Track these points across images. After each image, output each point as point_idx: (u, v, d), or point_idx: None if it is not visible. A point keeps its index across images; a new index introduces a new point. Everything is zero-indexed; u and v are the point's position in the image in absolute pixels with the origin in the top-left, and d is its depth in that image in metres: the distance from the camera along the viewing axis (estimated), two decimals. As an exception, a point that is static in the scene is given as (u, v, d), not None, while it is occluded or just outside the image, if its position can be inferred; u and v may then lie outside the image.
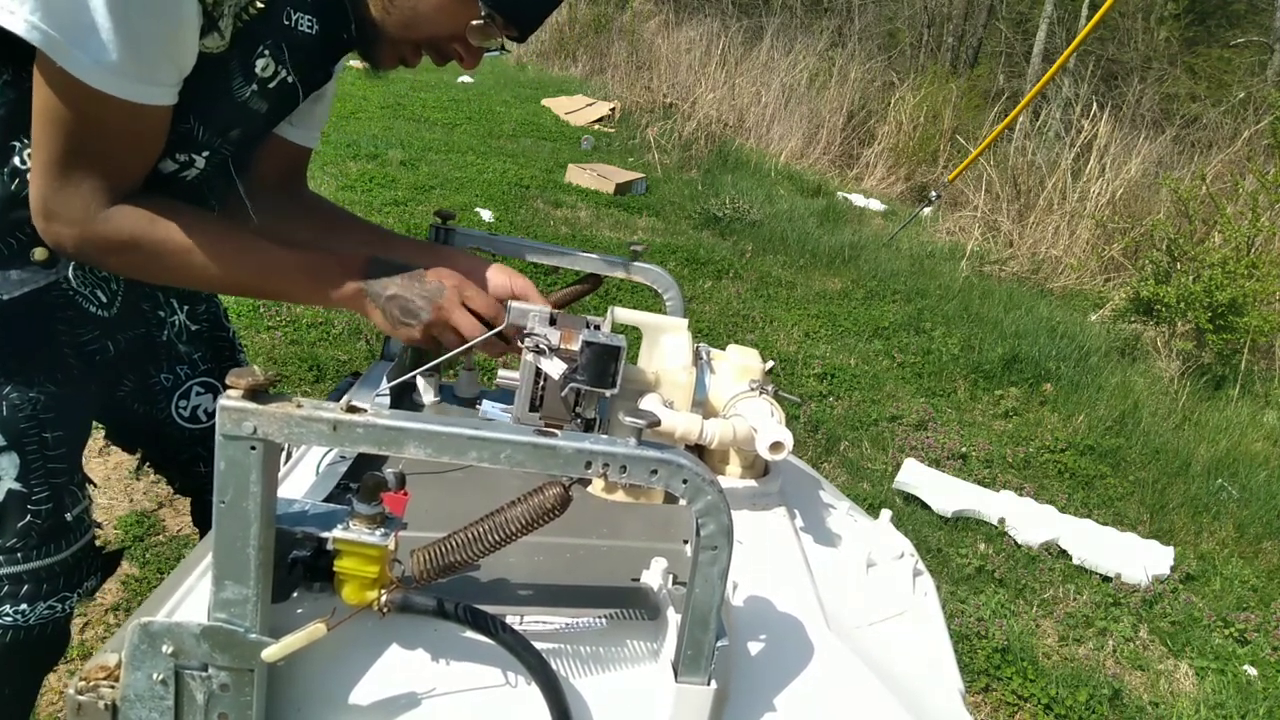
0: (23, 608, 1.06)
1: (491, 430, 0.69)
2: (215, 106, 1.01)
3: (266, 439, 0.66)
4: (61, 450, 1.08)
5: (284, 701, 0.75)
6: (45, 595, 1.08)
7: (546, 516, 0.76)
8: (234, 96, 1.01)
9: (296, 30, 1.01)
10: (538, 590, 0.86)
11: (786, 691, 0.85)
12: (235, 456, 0.67)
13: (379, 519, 0.73)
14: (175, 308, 1.27)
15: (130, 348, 1.20)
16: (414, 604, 0.74)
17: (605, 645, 0.82)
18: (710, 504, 0.71)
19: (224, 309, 1.39)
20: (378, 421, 0.67)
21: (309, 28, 1.01)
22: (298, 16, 1.00)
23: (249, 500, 0.67)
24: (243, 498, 0.67)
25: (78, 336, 1.11)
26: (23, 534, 1.05)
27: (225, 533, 0.68)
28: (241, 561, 0.69)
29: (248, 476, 0.67)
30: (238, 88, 1.01)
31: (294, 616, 0.76)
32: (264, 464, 0.67)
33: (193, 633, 0.71)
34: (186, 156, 1.04)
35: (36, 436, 1.05)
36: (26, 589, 1.06)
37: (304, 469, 1.05)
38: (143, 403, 1.27)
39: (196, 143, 1.03)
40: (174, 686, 0.71)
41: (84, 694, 0.72)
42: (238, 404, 0.66)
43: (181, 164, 1.04)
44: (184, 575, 0.86)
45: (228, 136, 1.06)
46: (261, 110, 1.06)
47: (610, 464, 0.70)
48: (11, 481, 1.03)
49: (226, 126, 1.05)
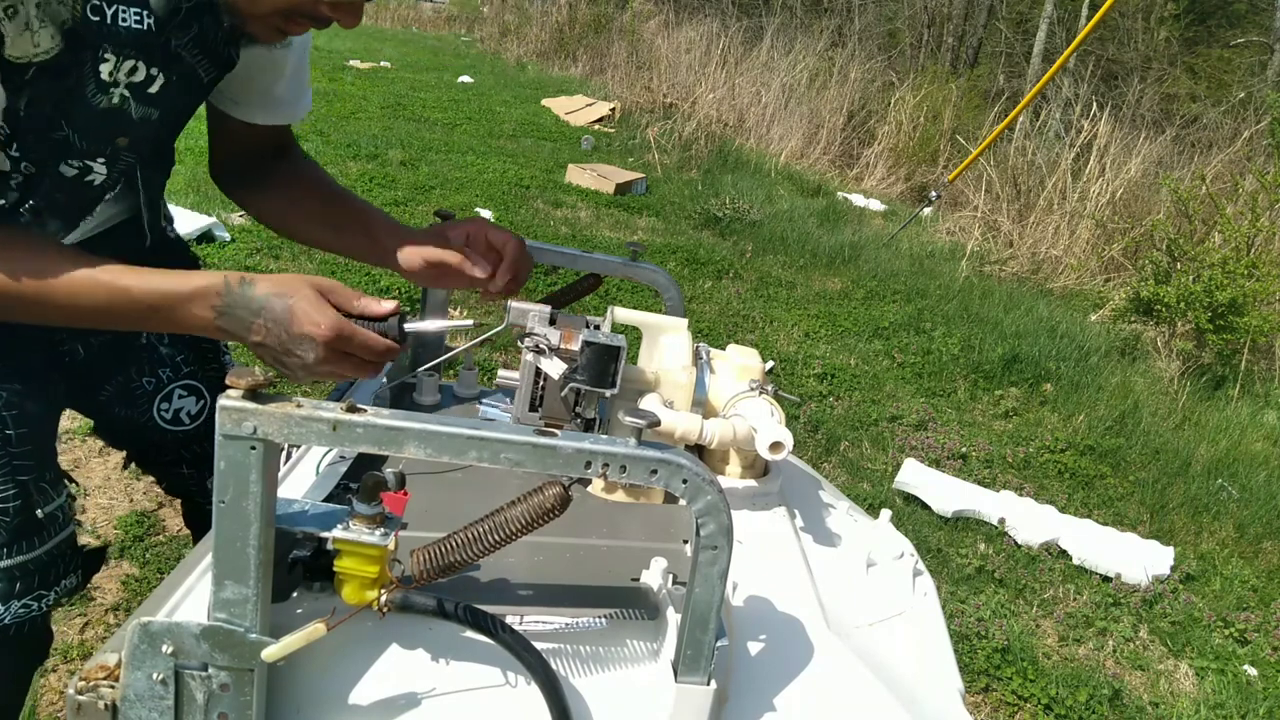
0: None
1: (491, 430, 0.68)
2: (80, 115, 0.97)
3: (266, 439, 0.66)
4: (27, 448, 1.07)
5: (284, 701, 0.75)
6: (19, 593, 1.07)
7: (546, 516, 0.76)
8: (94, 104, 0.96)
9: (122, 27, 0.93)
10: (537, 590, 0.86)
11: (786, 691, 0.85)
12: (235, 456, 0.67)
13: (379, 519, 0.73)
14: None
15: (105, 350, 1.19)
16: (414, 604, 0.74)
17: (605, 645, 0.82)
18: (710, 504, 0.71)
19: None
20: (377, 421, 0.67)
21: (138, 21, 0.94)
22: (120, 10, 0.92)
23: (249, 500, 0.67)
24: (243, 497, 0.67)
25: (46, 335, 1.10)
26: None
27: (225, 533, 0.68)
28: (241, 562, 0.69)
29: (248, 476, 0.67)
30: (92, 94, 0.95)
31: (294, 616, 0.76)
32: (264, 464, 0.67)
33: (193, 633, 0.71)
34: (80, 163, 1.01)
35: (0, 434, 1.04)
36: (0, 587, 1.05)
37: (304, 469, 1.05)
38: (124, 406, 1.27)
39: (81, 150, 1.00)
40: (174, 686, 0.71)
41: (84, 694, 0.72)
42: (238, 404, 0.66)
43: (80, 169, 1.01)
44: (184, 575, 0.86)
45: (116, 145, 1.02)
46: (151, 117, 1.01)
47: (610, 464, 0.70)
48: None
49: (106, 134, 1.00)
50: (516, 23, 14.72)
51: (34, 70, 0.90)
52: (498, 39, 14.72)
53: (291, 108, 1.23)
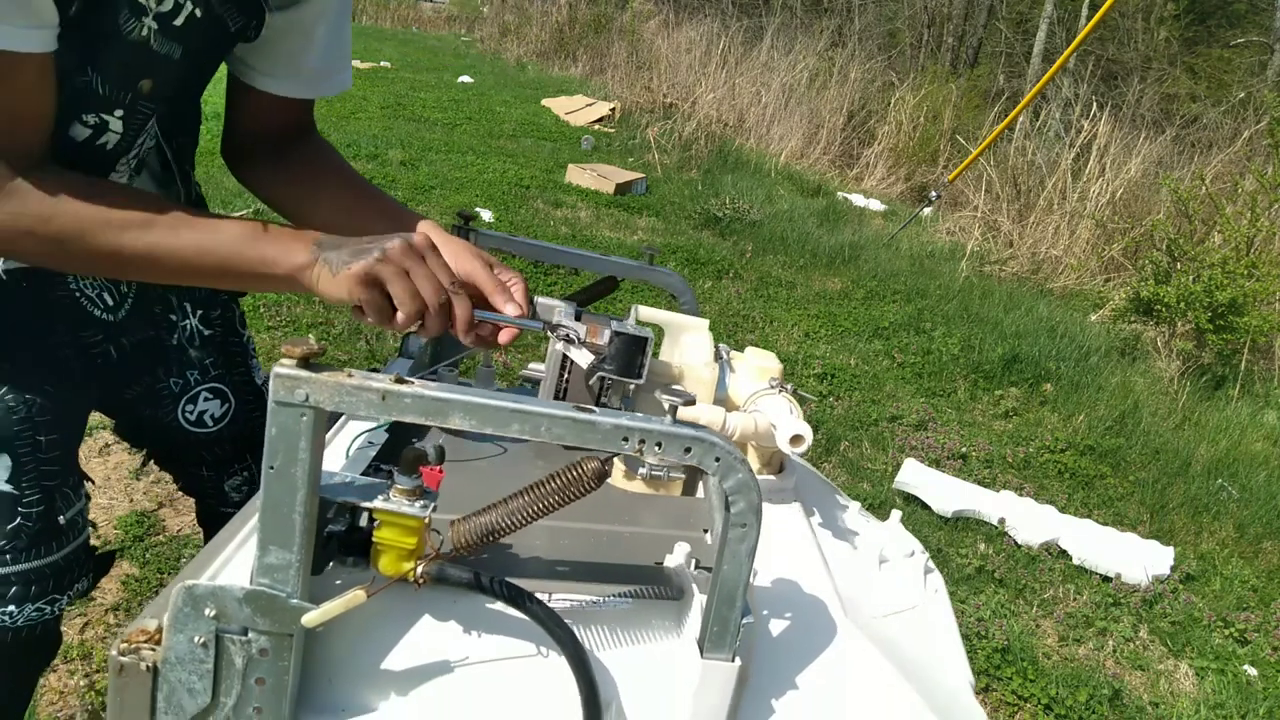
0: (10, 609, 1.05)
1: (533, 404, 0.70)
2: (108, 51, 0.90)
3: (317, 406, 0.68)
4: (56, 453, 1.07)
5: (317, 670, 0.77)
6: (34, 597, 1.06)
7: (584, 488, 0.77)
8: (125, 36, 0.89)
9: None
10: (563, 569, 0.88)
11: (805, 674, 0.87)
12: (287, 423, 0.68)
13: (418, 491, 0.75)
14: (188, 312, 1.25)
15: (137, 351, 1.18)
16: (449, 576, 0.75)
17: (631, 622, 0.84)
18: (741, 481, 0.72)
19: (240, 314, 1.35)
20: (424, 392, 0.69)
21: None
22: None
23: (298, 466, 0.69)
24: (291, 464, 0.69)
25: (81, 339, 1.10)
26: (12, 536, 1.04)
27: (273, 498, 0.70)
28: (287, 527, 0.70)
29: (297, 443, 0.68)
30: (126, 23, 0.89)
31: (328, 589, 0.78)
32: (314, 432, 0.69)
33: (236, 596, 0.72)
34: (96, 118, 0.95)
35: (30, 439, 1.04)
36: (15, 590, 1.05)
37: (334, 452, 1.06)
38: (149, 406, 1.26)
39: (102, 99, 0.94)
40: (214, 650, 0.73)
41: (125, 655, 0.73)
42: (292, 372, 0.67)
43: (94, 127, 0.95)
44: (225, 542, 0.88)
45: (138, 89, 0.96)
46: (174, 55, 0.95)
47: (646, 440, 0.71)
48: (3, 483, 1.02)
49: (130, 75, 0.94)
50: (516, 23, 14.73)
51: (75, 1, 0.85)
52: (498, 39, 14.73)
53: (321, 81, 1.15)
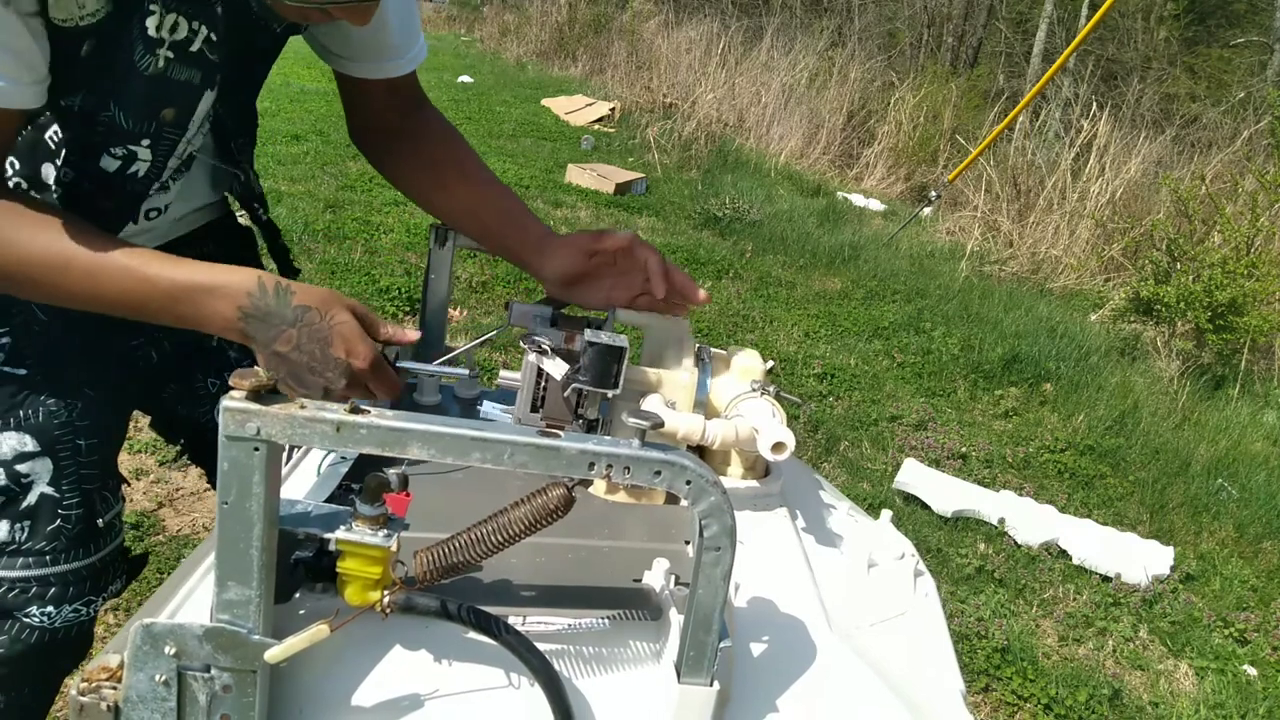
0: (49, 610, 1.06)
1: (494, 431, 0.69)
2: (127, 86, 0.91)
3: (270, 440, 0.66)
4: (95, 457, 1.07)
5: (286, 702, 0.75)
6: (72, 598, 1.07)
7: (550, 518, 0.76)
8: (142, 69, 0.90)
9: None
10: (539, 591, 0.86)
11: (789, 692, 0.85)
12: (238, 458, 0.67)
13: (381, 520, 0.73)
14: None
15: (177, 352, 1.19)
16: (417, 605, 0.74)
17: (608, 646, 0.82)
18: (714, 505, 0.71)
19: None
20: (381, 423, 0.67)
21: None
22: None
23: (252, 501, 0.68)
24: (245, 499, 0.68)
25: (124, 343, 1.10)
26: (53, 537, 1.04)
27: (228, 534, 0.68)
28: (244, 563, 0.69)
29: (250, 478, 0.67)
30: (141, 59, 0.89)
31: (297, 617, 0.77)
32: (267, 465, 0.67)
33: (195, 634, 0.71)
34: (124, 149, 0.96)
35: (71, 443, 1.04)
36: (54, 591, 1.05)
37: (305, 469, 1.05)
38: (186, 405, 1.27)
39: (127, 132, 0.94)
40: (176, 688, 0.71)
41: (86, 695, 0.72)
42: (241, 405, 0.66)
43: (123, 159, 0.96)
44: (185, 576, 0.86)
45: (161, 119, 0.96)
46: (194, 80, 0.95)
47: (614, 465, 0.70)
48: (44, 486, 1.03)
49: (152, 106, 0.94)
50: (516, 23, 14.72)
51: (86, 41, 0.85)
52: (498, 39, 14.72)
53: (404, 55, 1.15)
